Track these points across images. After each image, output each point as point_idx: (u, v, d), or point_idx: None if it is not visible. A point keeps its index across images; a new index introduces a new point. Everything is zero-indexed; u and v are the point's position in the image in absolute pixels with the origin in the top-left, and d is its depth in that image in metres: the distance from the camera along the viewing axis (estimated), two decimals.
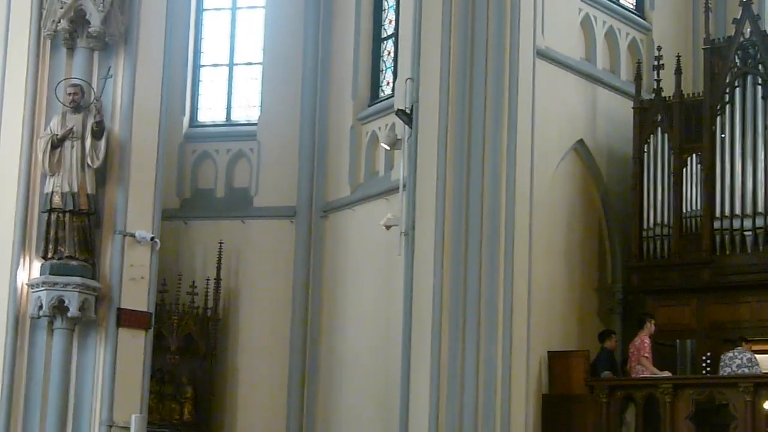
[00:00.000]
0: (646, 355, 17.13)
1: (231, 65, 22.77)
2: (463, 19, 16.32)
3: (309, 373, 20.67)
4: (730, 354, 16.64)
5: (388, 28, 21.23)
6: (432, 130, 16.19)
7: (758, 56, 17.71)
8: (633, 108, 18.64)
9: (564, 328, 18.09)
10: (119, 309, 16.88)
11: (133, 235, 17.12)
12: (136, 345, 17.03)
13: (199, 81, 22.71)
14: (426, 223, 16.05)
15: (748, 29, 17.92)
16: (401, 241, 16.72)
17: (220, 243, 21.03)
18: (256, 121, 22.08)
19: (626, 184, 18.68)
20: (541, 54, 17.45)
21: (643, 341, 17.22)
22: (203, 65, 22.78)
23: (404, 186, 16.93)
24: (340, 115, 21.27)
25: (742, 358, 16.51)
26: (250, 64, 22.61)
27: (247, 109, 22.59)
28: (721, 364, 16.72)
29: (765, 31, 17.92)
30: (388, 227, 17.41)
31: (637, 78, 18.86)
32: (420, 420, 15.41)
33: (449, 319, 15.40)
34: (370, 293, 19.48)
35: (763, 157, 17.39)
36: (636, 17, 20.10)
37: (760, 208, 17.27)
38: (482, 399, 15.15)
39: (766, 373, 16.55)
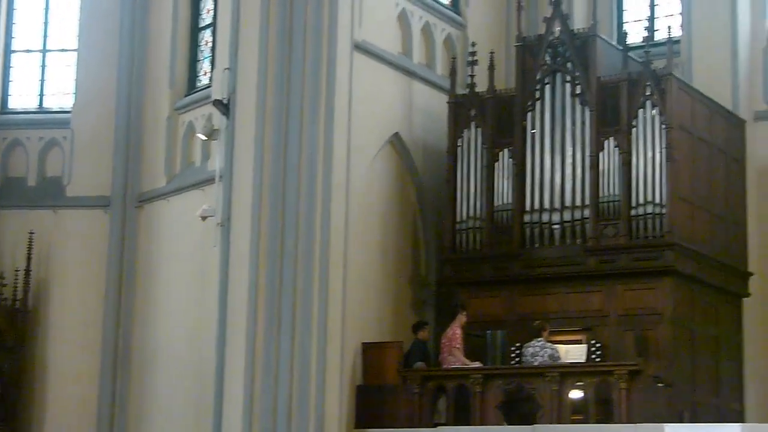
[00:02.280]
0: (458, 345, 17.42)
1: (44, 51, 22.34)
2: (282, 10, 16.35)
3: (121, 365, 20.45)
4: (531, 350, 17.02)
5: (207, 18, 21.11)
6: (249, 121, 16.18)
7: (567, 54, 18.15)
8: (448, 102, 18.92)
9: (378, 319, 18.26)
10: None
11: None
12: None
13: (9, 67, 22.21)
14: (242, 214, 16.03)
15: (558, 28, 18.36)
16: (217, 233, 16.68)
17: (31, 233, 20.64)
18: (69, 109, 21.73)
19: (440, 177, 18.94)
20: (359, 47, 17.59)
21: (455, 332, 17.50)
22: (15, 51, 22.29)
23: (220, 177, 16.88)
24: (156, 105, 21.06)
25: (543, 355, 16.91)
26: (64, 50, 22.20)
27: (61, 96, 22.20)
28: (524, 359, 17.09)
29: (574, 30, 18.38)
30: (203, 218, 17.34)
31: (452, 73, 19.13)
32: (234, 411, 15.40)
33: (264, 310, 15.42)
34: (185, 284, 19.35)
35: (571, 152, 17.85)
36: (451, 13, 20.42)
37: (568, 202, 17.73)
38: (296, 390, 15.22)
39: (571, 362, 17.01)
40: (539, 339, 17.07)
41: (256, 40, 16.31)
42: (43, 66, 22.34)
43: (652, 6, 21.44)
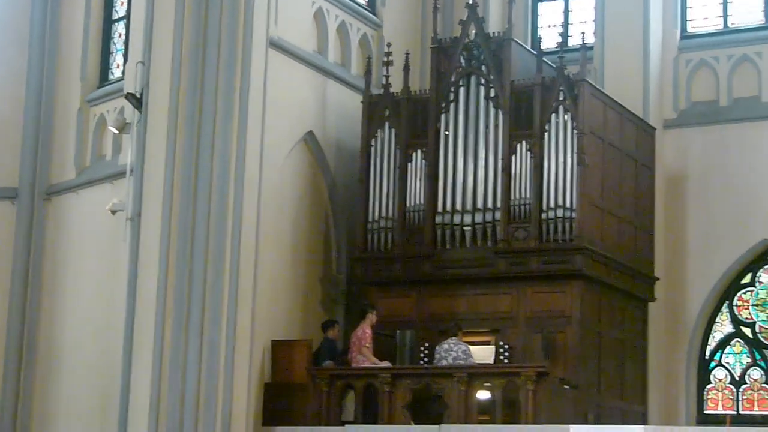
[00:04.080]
0: (367, 345, 17.45)
1: None
2: (197, 5, 16.26)
3: (26, 361, 20.17)
4: (446, 346, 17.11)
5: (120, 10, 20.90)
6: (162, 115, 16.06)
7: (482, 57, 18.26)
8: (362, 102, 18.92)
9: (288, 317, 18.24)
10: None
11: None
12: None
13: None
14: (152, 209, 15.92)
15: (474, 31, 18.47)
16: (126, 227, 16.53)
17: None
18: None
19: (353, 176, 18.95)
20: (274, 44, 17.53)
21: (365, 331, 17.53)
22: None
23: (131, 171, 16.73)
24: (67, 96, 20.81)
25: (457, 351, 17.01)
26: None
27: None
28: (437, 356, 17.18)
29: (489, 33, 18.50)
30: (113, 212, 17.18)
31: (367, 73, 19.14)
32: (140, 408, 15.29)
33: (173, 306, 15.31)
34: (93, 279, 19.14)
35: (483, 155, 17.97)
36: (367, 13, 20.45)
37: (480, 204, 17.85)
38: (204, 386, 15.14)
39: (479, 363, 17.11)
40: (454, 338, 17.17)
41: (170, 34, 16.19)
42: None
43: (567, 12, 21.70)
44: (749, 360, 20.02)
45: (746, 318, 20.11)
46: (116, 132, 18.10)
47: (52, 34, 21.08)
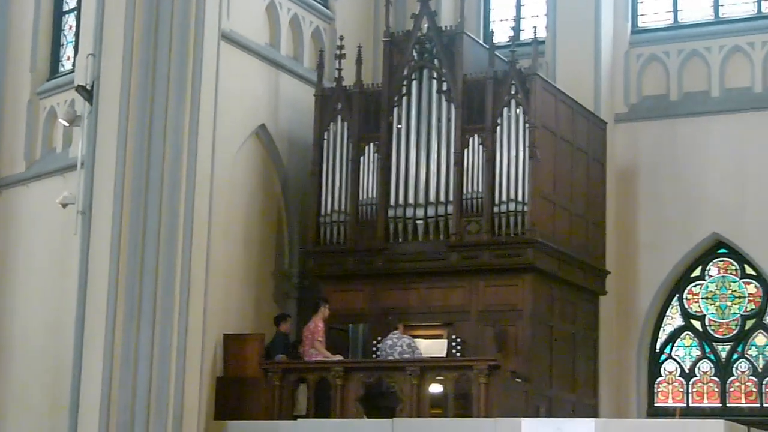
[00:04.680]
0: (320, 338, 17.43)
1: None
2: None
3: None
4: (389, 342, 17.12)
5: (71, 2, 20.78)
6: (113, 108, 15.96)
7: (434, 51, 18.29)
8: (314, 95, 18.90)
9: (240, 311, 18.19)
10: None
11: None
12: None
13: None
14: (104, 202, 15.81)
15: (426, 25, 18.48)
16: (77, 220, 16.41)
17: None
18: None
19: (306, 170, 18.92)
20: (226, 37, 17.46)
21: (317, 325, 17.52)
22: None
23: (82, 164, 16.61)
24: (16, 88, 20.64)
25: (402, 345, 17.02)
26: None
27: None
28: (381, 353, 17.18)
29: (441, 27, 18.52)
30: (64, 205, 17.05)
31: (320, 66, 19.11)
32: (91, 402, 15.18)
33: (125, 300, 15.22)
34: (44, 273, 19.00)
35: (436, 148, 18.00)
36: (320, 6, 20.41)
37: (432, 198, 17.88)
38: (156, 381, 15.06)
39: (432, 357, 17.15)
40: (396, 332, 17.19)
41: (121, 26, 16.07)
42: None
43: (519, 6, 21.79)
44: (699, 353, 20.20)
45: (696, 311, 20.29)
46: (67, 124, 17.96)
47: (1, 26, 20.89)
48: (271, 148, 19.04)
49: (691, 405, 19.98)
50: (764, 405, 19.61)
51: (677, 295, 20.36)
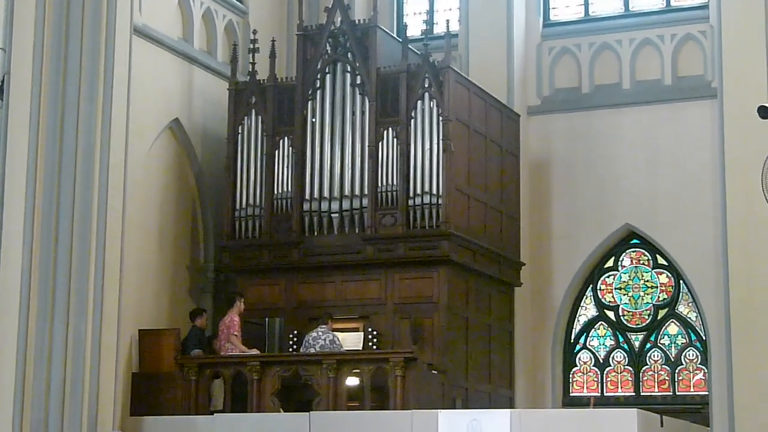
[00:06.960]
0: (236, 333, 17.38)
1: None
2: None
3: None
4: (314, 334, 17.11)
5: None
6: (24, 103, 15.73)
7: (348, 45, 18.32)
8: (228, 89, 18.85)
9: (155, 306, 18.10)
10: None
11: None
12: None
13: None
14: (15, 197, 15.59)
15: (339, 18, 18.51)
16: None
17: None
18: None
19: (220, 164, 18.86)
20: (138, 31, 17.33)
21: (233, 319, 17.46)
22: None
23: None
24: None
25: (325, 339, 17.03)
26: None
27: None
28: (305, 344, 17.17)
29: (355, 20, 18.56)
30: None
31: (233, 60, 19.08)
32: (4, 398, 14.96)
33: (38, 295, 15.03)
34: None
35: (350, 142, 18.03)
36: (233, 0, 20.32)
37: (347, 191, 17.91)
38: (70, 377, 14.90)
39: (348, 350, 17.18)
40: (323, 326, 17.18)
41: (32, 20, 15.86)
42: None
43: (432, 0, 21.86)
44: (613, 343, 20.47)
45: (610, 301, 20.56)
46: None
47: None
48: (185, 143, 18.96)
49: (605, 394, 20.25)
50: (677, 393, 19.94)
51: (591, 286, 20.61)
